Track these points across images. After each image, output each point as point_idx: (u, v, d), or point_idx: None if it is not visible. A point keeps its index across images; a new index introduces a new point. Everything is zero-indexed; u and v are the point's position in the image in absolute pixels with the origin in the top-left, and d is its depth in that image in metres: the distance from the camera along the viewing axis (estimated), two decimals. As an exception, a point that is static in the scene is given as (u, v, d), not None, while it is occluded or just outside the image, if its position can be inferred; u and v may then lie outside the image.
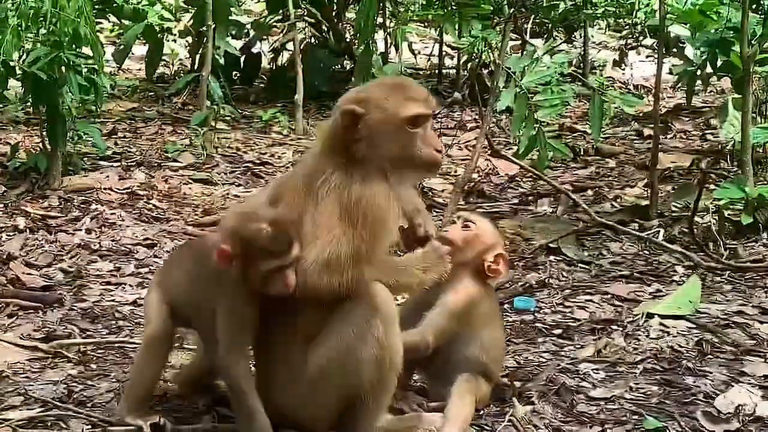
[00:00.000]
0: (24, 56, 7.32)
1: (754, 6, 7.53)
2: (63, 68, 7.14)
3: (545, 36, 11.64)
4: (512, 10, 6.56)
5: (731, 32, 7.27)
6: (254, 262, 3.74)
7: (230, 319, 3.81)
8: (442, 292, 4.11)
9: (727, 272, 5.83)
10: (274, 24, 10.92)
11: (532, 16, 11.30)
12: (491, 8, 8.44)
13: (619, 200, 7.33)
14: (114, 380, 4.58)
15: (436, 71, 11.31)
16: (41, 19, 7.15)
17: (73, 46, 7.22)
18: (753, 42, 6.68)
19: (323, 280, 3.73)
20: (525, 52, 6.82)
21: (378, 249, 3.80)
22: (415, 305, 4.20)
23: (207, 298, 3.89)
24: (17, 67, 7.36)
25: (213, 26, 9.45)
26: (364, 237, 3.75)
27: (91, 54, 7.40)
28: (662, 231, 6.50)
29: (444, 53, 11.37)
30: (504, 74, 6.59)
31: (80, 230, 6.67)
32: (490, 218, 6.66)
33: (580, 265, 6.09)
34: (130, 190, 7.44)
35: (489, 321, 4.24)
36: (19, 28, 7.22)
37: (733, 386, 4.39)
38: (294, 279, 3.75)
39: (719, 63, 7.94)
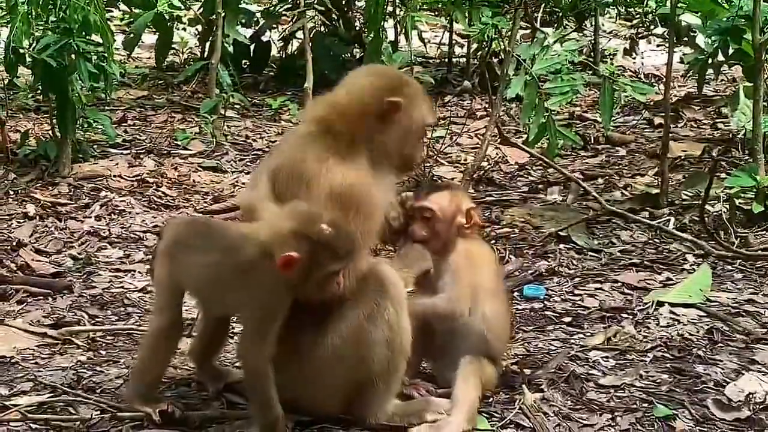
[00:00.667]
0: (34, 44, 7.32)
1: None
2: (73, 56, 7.14)
3: (555, 24, 11.61)
4: (522, -4, 6.51)
5: (743, 20, 7.23)
6: (319, 265, 3.67)
7: (260, 312, 3.74)
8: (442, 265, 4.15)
9: (738, 261, 5.81)
10: (284, 12, 10.89)
11: (543, 4, 11.28)
12: (500, -4, 8.45)
13: (629, 189, 7.31)
14: (123, 366, 4.59)
15: (446, 59, 11.28)
16: (51, 6, 7.17)
17: (83, 33, 7.22)
18: (765, 30, 6.64)
19: None
20: (535, 40, 6.78)
21: (368, 236, 3.84)
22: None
23: (231, 288, 3.80)
24: (27, 55, 7.37)
25: (222, 14, 9.43)
26: (357, 223, 3.78)
27: (100, 41, 7.39)
28: (672, 219, 6.49)
29: (454, 42, 11.34)
30: (514, 62, 6.58)
31: (90, 217, 6.68)
32: (496, 207, 6.83)
33: (590, 253, 6.08)
34: (139, 178, 7.44)
35: (491, 295, 4.21)
36: (29, 16, 7.24)
37: (743, 374, 4.39)
38: (344, 279, 3.74)
39: (731, 51, 7.92)
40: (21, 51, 7.41)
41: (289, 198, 3.84)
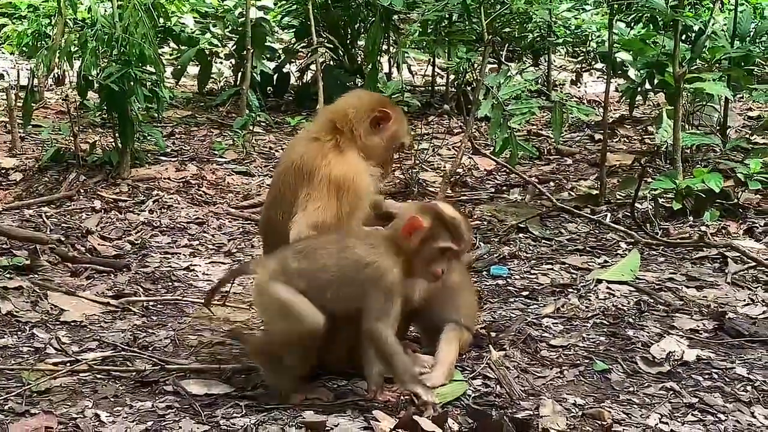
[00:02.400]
0: (100, 72, 7.29)
1: (683, 36, 7.50)
2: (131, 82, 7.11)
3: (517, 59, 11.59)
4: (490, 37, 6.48)
5: (665, 57, 7.21)
6: (437, 239, 3.53)
7: (384, 296, 3.51)
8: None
9: (661, 247, 5.80)
10: (300, 49, 10.86)
11: (507, 44, 11.25)
12: (474, 36, 8.40)
13: (574, 190, 7.29)
14: (171, 329, 4.57)
15: (430, 87, 11.26)
16: (114, 42, 7.13)
17: (140, 64, 7.19)
18: (683, 64, 6.63)
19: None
20: (500, 71, 6.75)
21: (354, 219, 3.85)
22: None
23: (359, 294, 3.55)
24: (95, 81, 7.33)
25: (251, 51, 9.42)
26: (345, 207, 3.80)
27: (153, 71, 7.38)
28: (609, 214, 6.47)
29: (436, 73, 11.32)
30: (483, 89, 6.54)
31: (144, 211, 6.65)
32: (469, 204, 6.81)
33: (543, 241, 6.06)
34: (184, 180, 7.40)
35: (460, 288, 4.18)
36: (97, 50, 7.21)
37: (665, 337, 4.37)
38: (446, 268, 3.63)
39: (656, 81, 7.90)
40: (90, 78, 7.38)
41: (295, 186, 3.86)
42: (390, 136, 4.07)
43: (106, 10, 8.23)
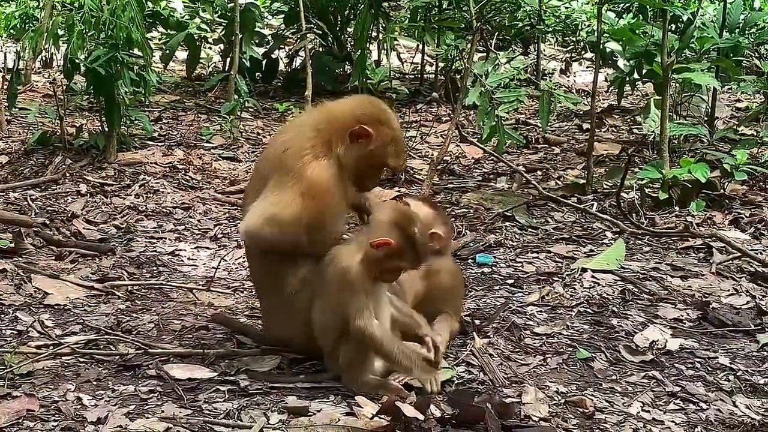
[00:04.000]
0: (87, 55, 7.25)
1: (672, 26, 7.50)
2: (118, 66, 7.07)
3: (507, 48, 11.59)
4: (478, 24, 6.46)
5: (654, 47, 7.22)
6: (399, 258, 3.60)
7: (351, 293, 3.60)
8: None
9: (647, 237, 5.80)
10: (289, 35, 10.84)
11: (496, 32, 11.24)
12: (463, 24, 8.38)
13: (561, 179, 7.28)
14: (155, 314, 4.55)
15: (419, 75, 11.24)
16: (101, 25, 7.09)
17: (127, 48, 7.15)
18: (671, 54, 6.64)
19: (263, 230, 3.72)
20: (488, 59, 6.74)
21: (322, 220, 3.76)
22: None
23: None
24: (82, 65, 7.29)
25: (240, 36, 9.38)
26: (309, 208, 3.71)
27: (141, 55, 7.33)
28: (595, 204, 6.48)
29: (426, 61, 11.31)
30: (471, 76, 6.53)
31: (130, 195, 6.62)
32: (456, 192, 6.80)
33: (529, 229, 6.06)
34: (171, 165, 7.38)
35: (448, 291, 4.20)
36: (84, 33, 7.16)
37: (648, 326, 4.39)
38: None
39: (644, 71, 7.91)
40: (77, 61, 7.33)
41: (265, 177, 3.82)
42: (368, 155, 3.81)
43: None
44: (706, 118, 7.98)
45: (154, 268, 5.31)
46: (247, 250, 4.14)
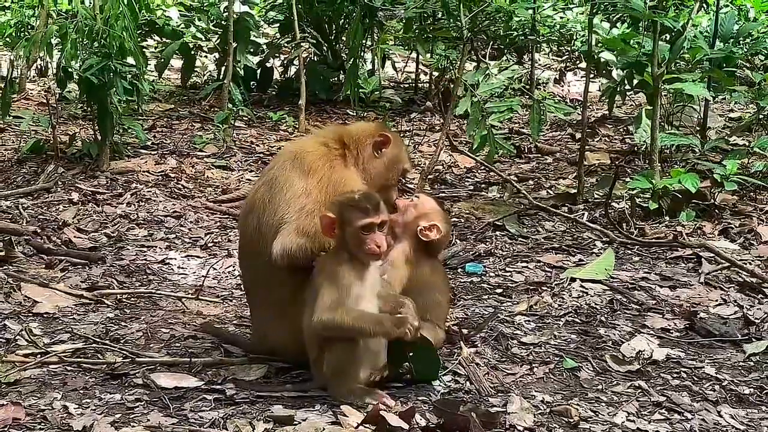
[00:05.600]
0: (80, 64, 7.27)
1: (666, 36, 7.52)
2: (111, 74, 7.10)
3: (500, 58, 11.63)
4: (469, 34, 6.48)
5: (645, 57, 7.24)
6: (350, 223, 3.60)
7: (327, 285, 3.63)
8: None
9: (636, 247, 5.82)
10: (284, 44, 10.85)
11: (491, 41, 11.28)
12: (455, 34, 8.41)
13: (553, 189, 7.31)
14: (143, 323, 4.56)
15: (413, 84, 11.28)
16: (94, 35, 7.12)
17: (120, 57, 7.18)
18: (662, 65, 6.66)
19: (296, 243, 3.72)
20: (479, 69, 6.77)
21: None
22: None
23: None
24: (75, 73, 7.32)
25: (235, 45, 9.41)
26: None
27: (134, 63, 7.36)
28: (586, 213, 6.50)
29: (420, 71, 11.34)
30: (462, 86, 6.55)
31: (122, 204, 6.63)
32: (447, 201, 6.82)
33: (519, 238, 6.07)
34: (163, 173, 7.39)
35: (431, 287, 4.14)
36: (77, 42, 7.19)
37: (636, 336, 4.41)
38: (385, 242, 3.69)
39: (635, 81, 7.93)
40: (70, 70, 7.36)
41: (288, 175, 3.87)
42: (390, 159, 4.12)
43: (88, 2, 8.20)
44: (698, 128, 8.00)
45: (144, 276, 5.32)
46: (241, 260, 4.16)
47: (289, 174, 3.86)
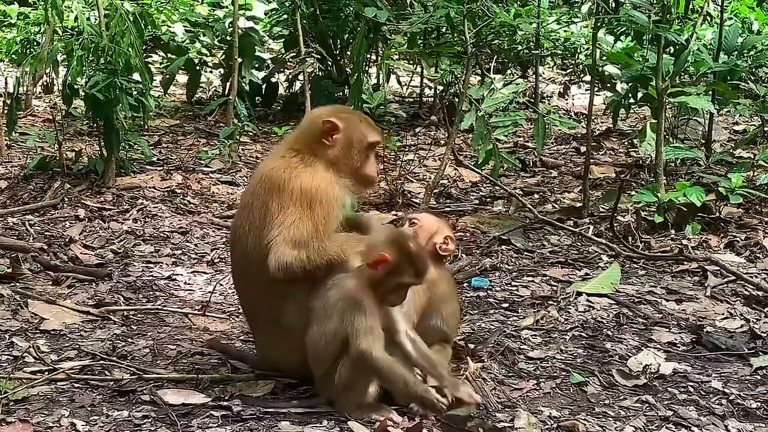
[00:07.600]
0: (86, 81, 7.30)
1: (670, 49, 7.54)
2: (117, 91, 7.12)
3: (505, 71, 11.66)
4: (473, 49, 6.51)
5: (649, 70, 7.26)
6: (399, 274, 3.62)
7: (356, 313, 3.65)
8: None
9: (642, 260, 5.82)
10: (289, 59, 10.87)
11: (495, 55, 11.31)
12: (460, 48, 8.43)
13: (558, 202, 7.32)
14: (150, 339, 4.57)
15: (418, 98, 11.30)
16: (100, 51, 7.15)
17: (126, 73, 7.21)
18: (666, 78, 6.67)
19: (290, 255, 3.72)
20: (484, 83, 6.78)
21: (330, 227, 3.81)
22: None
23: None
24: (81, 90, 7.35)
25: (240, 61, 9.45)
26: (320, 219, 3.77)
27: (139, 80, 7.39)
28: (592, 227, 6.49)
29: (425, 84, 11.36)
30: (467, 100, 6.57)
31: (128, 220, 6.65)
32: (452, 215, 6.83)
33: (525, 253, 6.08)
34: (169, 189, 7.41)
35: (447, 298, 4.20)
36: (83, 59, 7.22)
37: (642, 350, 4.41)
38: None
39: (640, 95, 7.96)
40: (76, 87, 7.39)
41: (264, 198, 3.84)
42: (346, 142, 3.95)
43: (94, 19, 8.25)
44: (702, 142, 8.01)
45: (151, 292, 5.33)
46: (235, 279, 4.18)
47: (262, 198, 3.87)
